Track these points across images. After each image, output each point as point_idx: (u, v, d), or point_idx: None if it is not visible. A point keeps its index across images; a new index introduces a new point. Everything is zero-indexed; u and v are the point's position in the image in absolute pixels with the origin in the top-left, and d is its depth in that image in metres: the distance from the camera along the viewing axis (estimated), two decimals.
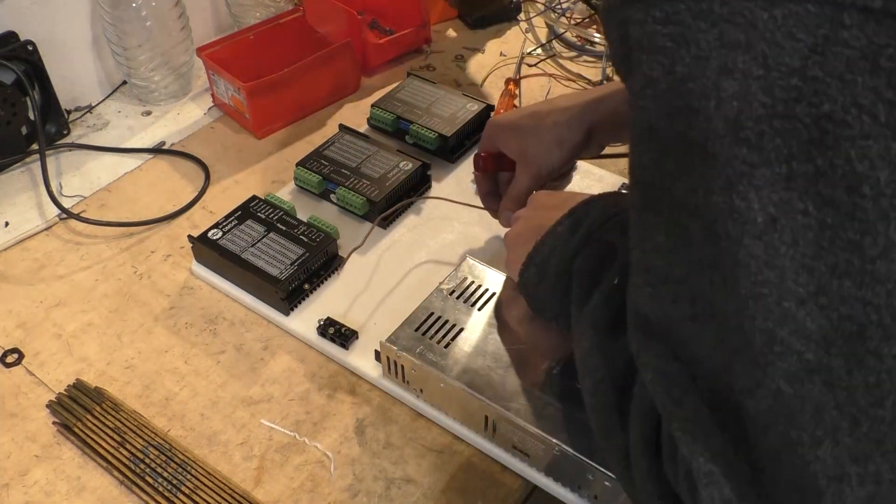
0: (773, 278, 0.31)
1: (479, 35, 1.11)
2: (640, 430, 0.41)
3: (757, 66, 0.30)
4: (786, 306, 0.31)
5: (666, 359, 0.37)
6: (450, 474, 0.60)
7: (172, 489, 0.58)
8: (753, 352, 0.32)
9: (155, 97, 0.97)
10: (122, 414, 0.63)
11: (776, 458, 0.33)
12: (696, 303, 0.35)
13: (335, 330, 0.67)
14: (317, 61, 0.92)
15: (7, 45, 0.84)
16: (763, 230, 0.31)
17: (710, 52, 0.31)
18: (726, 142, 0.31)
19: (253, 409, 0.64)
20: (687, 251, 0.34)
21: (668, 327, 0.37)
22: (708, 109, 0.31)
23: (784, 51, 0.30)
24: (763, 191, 0.30)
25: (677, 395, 0.37)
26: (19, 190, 0.85)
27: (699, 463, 0.35)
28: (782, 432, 0.32)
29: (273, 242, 0.72)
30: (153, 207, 0.83)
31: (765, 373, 0.32)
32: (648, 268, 0.37)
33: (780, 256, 0.31)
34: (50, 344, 0.70)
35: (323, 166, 0.81)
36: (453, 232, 0.78)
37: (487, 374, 0.59)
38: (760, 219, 0.31)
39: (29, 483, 0.60)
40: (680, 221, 0.34)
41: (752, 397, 0.33)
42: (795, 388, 0.31)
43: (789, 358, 0.31)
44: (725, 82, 0.31)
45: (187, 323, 0.71)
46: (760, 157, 0.30)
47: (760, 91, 0.30)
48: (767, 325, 0.31)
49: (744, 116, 0.30)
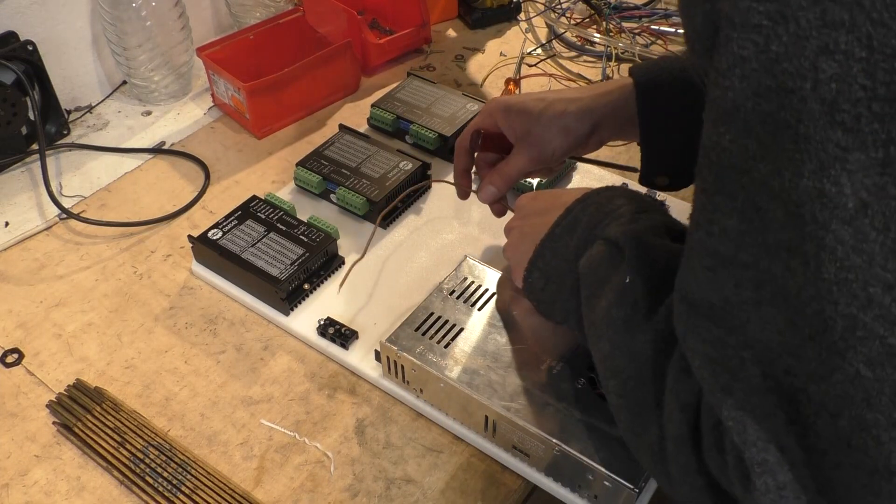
0: (860, 263, 0.31)
1: (479, 35, 1.11)
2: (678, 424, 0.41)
3: (860, 47, 0.29)
4: (871, 291, 0.31)
5: (715, 344, 0.37)
6: (450, 474, 0.60)
7: (172, 489, 0.58)
8: (833, 337, 0.32)
9: (155, 97, 0.97)
10: (122, 414, 0.63)
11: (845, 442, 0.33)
12: (763, 287, 0.34)
13: (335, 330, 0.67)
14: (317, 61, 0.92)
15: (7, 45, 0.84)
16: (853, 215, 0.31)
17: (811, 32, 0.30)
18: (821, 124, 0.30)
19: (253, 409, 0.64)
20: (761, 235, 0.34)
21: (724, 312, 0.36)
22: (804, 90, 0.31)
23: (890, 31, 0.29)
24: (856, 175, 0.30)
25: (726, 382, 0.37)
26: (19, 190, 0.85)
27: (752, 452, 0.35)
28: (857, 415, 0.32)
29: (273, 242, 0.72)
30: (153, 207, 0.83)
31: (843, 357, 0.32)
32: (711, 252, 0.37)
33: (869, 242, 0.31)
34: (50, 344, 0.70)
35: (323, 166, 0.81)
36: (453, 232, 0.78)
37: (487, 374, 0.59)
38: (851, 203, 0.30)
39: (29, 483, 0.60)
40: (758, 204, 0.34)
41: (823, 382, 0.33)
42: (875, 372, 0.31)
43: (871, 342, 0.31)
44: (825, 63, 0.30)
45: (187, 323, 0.71)
46: (856, 141, 0.30)
47: (862, 73, 0.29)
48: (851, 310, 0.31)
49: (842, 99, 0.30)
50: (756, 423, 0.35)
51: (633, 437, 0.47)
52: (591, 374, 0.59)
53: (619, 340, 0.47)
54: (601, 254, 0.51)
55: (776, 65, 0.31)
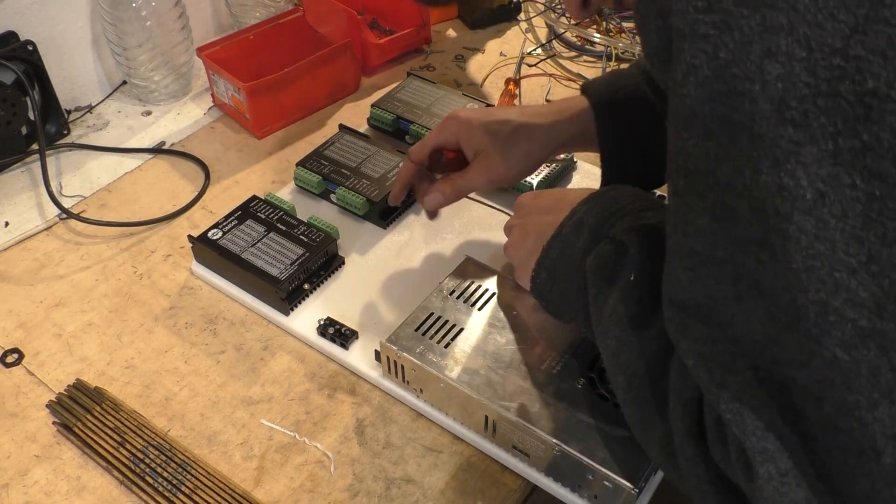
0: (824, 251, 0.32)
1: (479, 35, 1.11)
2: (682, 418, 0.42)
3: (800, 47, 0.31)
4: (837, 276, 0.32)
5: (706, 342, 0.38)
6: (450, 474, 0.60)
7: (172, 489, 0.58)
8: (807, 324, 0.33)
9: (155, 97, 0.97)
10: (122, 414, 0.63)
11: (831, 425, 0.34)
12: (741, 281, 0.36)
13: (335, 330, 0.67)
14: (317, 61, 0.92)
15: (7, 45, 0.84)
16: (812, 205, 0.32)
17: (754, 37, 0.32)
18: (772, 122, 0.32)
19: (253, 409, 0.64)
20: (732, 231, 0.35)
21: (710, 309, 0.38)
22: (753, 92, 0.32)
23: (826, 32, 0.30)
24: (810, 167, 0.31)
25: (721, 377, 0.38)
26: (19, 190, 0.85)
27: (751, 442, 0.36)
28: (838, 398, 0.33)
29: (273, 242, 0.72)
30: (153, 207, 0.83)
31: (819, 343, 0.33)
32: (689, 252, 0.38)
33: (829, 229, 0.32)
34: (50, 344, 0.70)
35: (323, 166, 0.81)
36: (453, 232, 0.78)
37: (487, 374, 0.59)
38: (809, 195, 0.32)
39: (29, 483, 0.60)
40: (725, 203, 0.35)
41: (804, 368, 0.34)
42: (851, 355, 0.32)
43: (843, 326, 0.32)
44: (769, 65, 0.32)
45: (187, 323, 0.71)
46: (806, 136, 0.31)
47: (804, 72, 0.31)
48: (820, 296, 0.32)
49: (789, 97, 0.31)
50: (753, 414, 0.36)
51: (641, 432, 0.48)
52: (591, 374, 0.59)
53: (626, 338, 0.48)
54: (607, 252, 0.52)
55: (726, 70, 0.33)
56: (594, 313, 0.52)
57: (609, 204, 0.55)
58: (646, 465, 0.53)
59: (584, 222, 0.54)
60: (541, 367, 0.59)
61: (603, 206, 0.55)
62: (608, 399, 0.57)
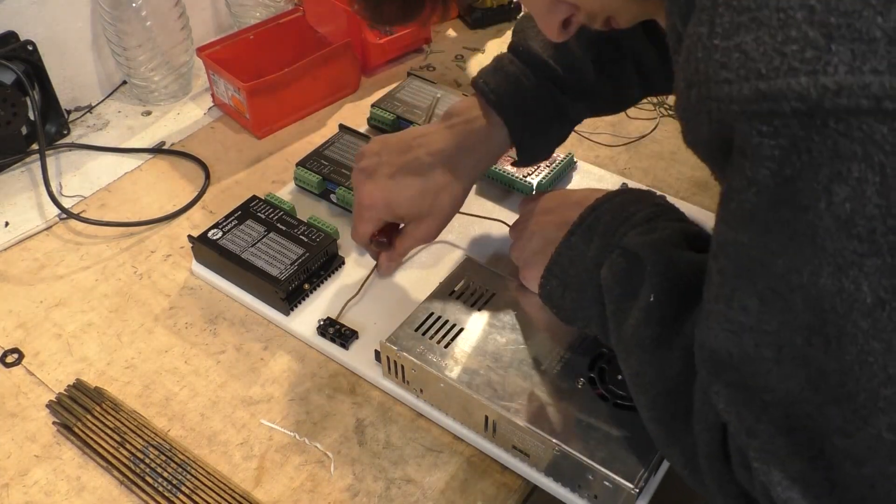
0: (879, 349, 0.32)
1: (479, 35, 1.11)
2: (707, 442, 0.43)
3: (873, 173, 0.31)
4: (891, 372, 0.32)
5: (737, 387, 0.39)
6: (450, 474, 0.60)
7: (172, 489, 0.58)
8: (855, 404, 0.34)
9: (155, 97, 0.97)
10: (122, 414, 0.63)
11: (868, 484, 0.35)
12: (783, 351, 0.36)
13: (335, 330, 0.67)
14: (317, 61, 0.92)
15: (7, 45, 0.84)
16: (871, 309, 0.32)
17: (823, 161, 0.31)
18: (837, 237, 0.32)
19: (253, 409, 0.64)
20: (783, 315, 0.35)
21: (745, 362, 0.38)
22: (818, 208, 0.32)
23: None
24: (873, 276, 0.32)
25: (750, 424, 0.38)
26: (19, 190, 0.85)
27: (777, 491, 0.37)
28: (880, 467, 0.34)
29: (273, 242, 0.72)
30: (153, 207, 0.83)
31: (866, 422, 0.34)
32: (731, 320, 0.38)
33: (887, 332, 0.32)
34: (50, 344, 0.70)
35: (323, 166, 0.81)
36: (453, 232, 0.78)
37: (487, 374, 0.59)
38: (869, 300, 0.32)
39: (29, 483, 0.60)
40: (778, 292, 0.35)
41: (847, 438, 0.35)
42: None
43: (892, 412, 0.33)
44: (838, 187, 0.31)
45: (187, 323, 0.71)
46: (872, 248, 0.31)
47: (876, 195, 0.31)
48: (872, 385, 0.33)
49: (857, 216, 0.31)
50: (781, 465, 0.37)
51: (666, 449, 0.48)
52: (591, 374, 0.59)
53: (648, 358, 0.48)
54: (622, 266, 0.52)
55: (790, 184, 0.33)
56: (613, 331, 0.52)
57: (618, 210, 0.55)
58: (646, 466, 0.53)
59: (594, 229, 0.54)
60: (541, 367, 0.59)
61: (613, 213, 0.55)
62: (608, 399, 0.57)
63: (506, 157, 0.83)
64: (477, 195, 0.82)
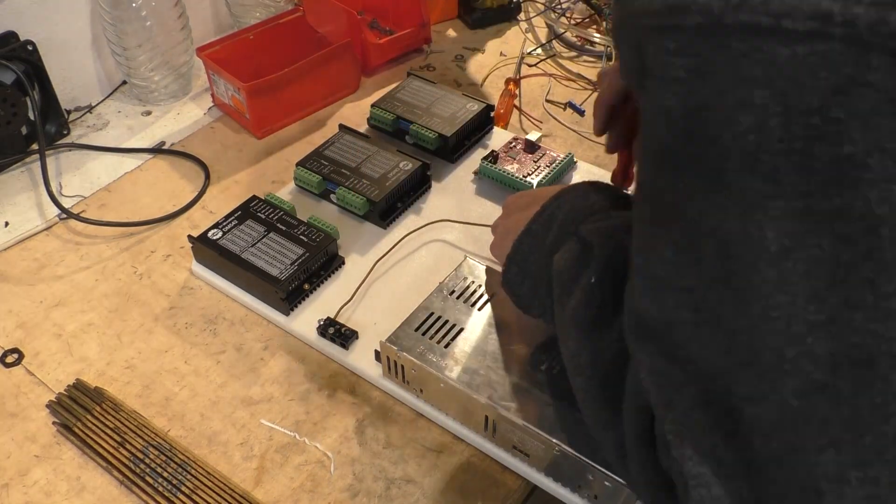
0: (784, 303, 0.31)
1: (479, 35, 1.11)
2: (635, 424, 0.42)
3: (775, 102, 0.29)
4: (796, 329, 0.31)
5: (659, 358, 0.38)
6: (450, 474, 0.60)
7: (172, 489, 0.58)
8: (761, 366, 0.32)
9: (155, 97, 0.97)
10: (122, 414, 0.63)
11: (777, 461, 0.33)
12: (700, 311, 0.35)
13: (335, 330, 0.67)
14: (317, 61, 0.92)
15: (7, 45, 0.84)
16: (777, 258, 0.31)
17: (727, 86, 0.30)
18: (742, 172, 0.31)
19: (253, 409, 0.64)
20: (696, 266, 0.34)
21: (667, 328, 0.37)
22: (725, 139, 0.31)
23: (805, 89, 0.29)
24: (778, 221, 0.30)
25: (669, 396, 0.37)
26: (19, 190, 0.85)
27: (688, 466, 0.35)
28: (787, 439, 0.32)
29: (273, 242, 0.72)
30: (153, 207, 0.83)
31: (772, 386, 0.32)
32: (651, 275, 0.37)
33: (792, 284, 0.31)
34: (50, 344, 0.70)
35: (323, 166, 0.81)
36: (453, 232, 0.78)
37: (487, 374, 0.59)
38: (774, 248, 0.31)
39: (29, 483, 0.60)
40: (691, 238, 0.34)
41: (756, 406, 0.33)
42: (802, 403, 0.31)
43: (797, 375, 0.31)
44: (743, 116, 0.30)
45: (187, 323, 0.71)
46: (776, 190, 0.30)
47: (779, 127, 0.29)
48: (777, 343, 0.31)
49: (761, 150, 0.30)
50: (694, 438, 0.36)
51: (598, 433, 0.47)
52: None
53: (585, 339, 0.47)
54: (573, 252, 0.51)
55: (698, 113, 0.32)
56: (557, 313, 0.51)
57: (579, 200, 0.54)
58: None
59: (554, 218, 0.54)
60: (541, 367, 0.59)
61: (573, 203, 0.54)
62: None
63: (506, 157, 0.84)
64: (476, 195, 0.82)
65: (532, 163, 0.83)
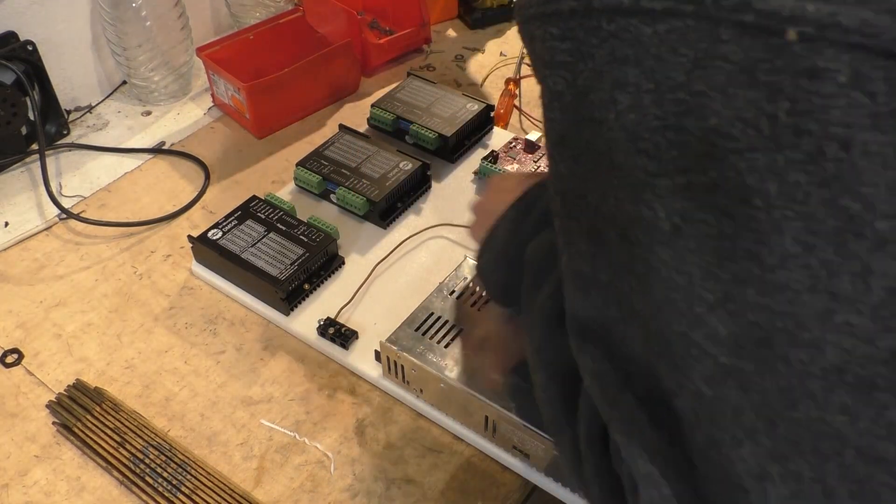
0: (682, 283, 0.31)
1: (479, 35, 1.11)
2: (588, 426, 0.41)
3: (646, 80, 0.30)
4: (697, 311, 0.31)
5: (600, 360, 0.37)
6: (450, 474, 0.60)
7: (172, 489, 0.58)
8: (673, 355, 0.32)
9: (155, 97, 0.97)
10: (121, 414, 0.63)
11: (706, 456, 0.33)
12: (622, 305, 0.35)
13: (335, 330, 0.67)
14: (317, 61, 0.92)
15: (7, 45, 0.84)
16: (670, 237, 0.31)
17: (604, 67, 0.31)
18: (628, 152, 0.31)
19: (253, 409, 0.64)
20: (607, 256, 0.34)
21: (603, 328, 0.37)
22: (609, 120, 0.31)
23: (669, 65, 0.29)
24: (666, 199, 0.31)
25: (612, 397, 0.37)
26: (19, 190, 0.85)
27: (638, 465, 0.35)
28: (707, 432, 0.32)
29: (273, 242, 0.72)
30: (153, 207, 0.83)
31: (685, 375, 0.32)
32: (577, 273, 0.37)
33: (687, 263, 0.31)
34: (50, 344, 0.70)
35: (323, 166, 0.81)
36: (453, 232, 0.78)
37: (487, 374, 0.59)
38: (666, 227, 0.31)
39: (29, 483, 0.60)
40: (597, 227, 0.34)
41: (677, 398, 0.33)
42: (714, 391, 0.31)
43: (705, 361, 0.31)
44: (620, 95, 0.31)
45: (187, 323, 0.71)
46: (660, 168, 0.30)
47: (652, 104, 0.30)
48: (682, 328, 0.31)
49: (640, 128, 0.30)
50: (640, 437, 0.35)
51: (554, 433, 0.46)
52: None
53: (550, 335, 0.46)
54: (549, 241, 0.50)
55: (584, 97, 0.32)
56: (525, 304, 0.50)
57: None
58: None
59: (532, 206, 0.53)
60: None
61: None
62: None
63: (506, 157, 0.84)
64: (476, 195, 0.82)
65: (532, 163, 0.83)
